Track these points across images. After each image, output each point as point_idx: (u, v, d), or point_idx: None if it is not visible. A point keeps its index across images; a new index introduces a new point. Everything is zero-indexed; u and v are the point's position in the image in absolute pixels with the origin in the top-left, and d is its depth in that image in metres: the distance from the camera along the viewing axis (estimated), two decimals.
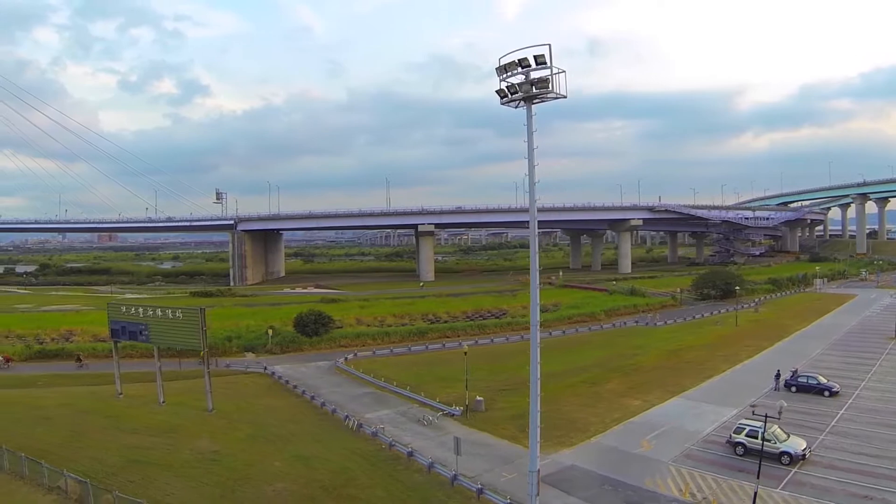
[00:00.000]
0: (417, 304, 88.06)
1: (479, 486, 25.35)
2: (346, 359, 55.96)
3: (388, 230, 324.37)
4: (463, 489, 25.78)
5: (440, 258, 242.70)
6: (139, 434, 35.91)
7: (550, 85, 20.36)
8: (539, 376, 23.57)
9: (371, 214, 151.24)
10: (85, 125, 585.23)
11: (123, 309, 44.59)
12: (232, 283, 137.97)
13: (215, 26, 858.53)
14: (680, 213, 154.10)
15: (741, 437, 29.12)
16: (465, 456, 27.61)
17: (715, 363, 47.79)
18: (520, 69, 20.76)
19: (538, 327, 23.75)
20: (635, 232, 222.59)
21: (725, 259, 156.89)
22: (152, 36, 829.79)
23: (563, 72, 20.60)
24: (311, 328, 63.20)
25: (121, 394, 44.51)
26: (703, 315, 75.74)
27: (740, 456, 28.78)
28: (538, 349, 23.32)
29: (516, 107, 21.84)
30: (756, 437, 27.25)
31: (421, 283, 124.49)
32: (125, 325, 43.21)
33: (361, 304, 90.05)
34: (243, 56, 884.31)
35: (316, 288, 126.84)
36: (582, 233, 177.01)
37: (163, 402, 42.35)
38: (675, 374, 44.78)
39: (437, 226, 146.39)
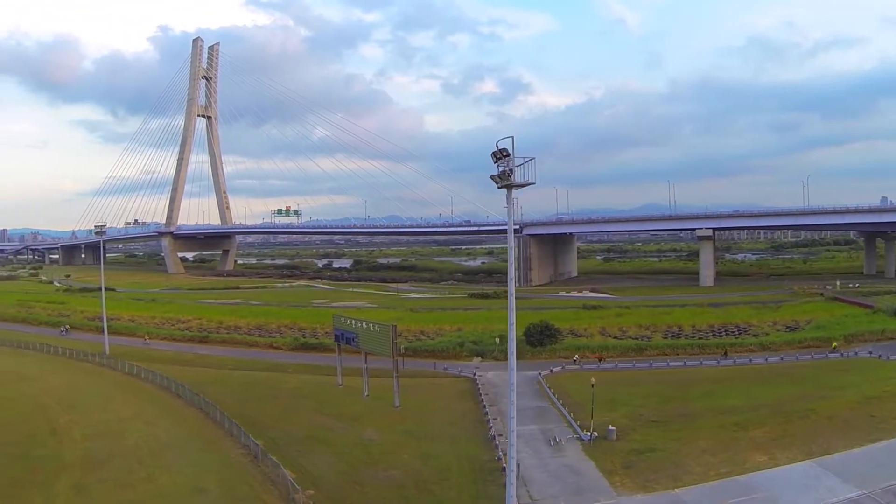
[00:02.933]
0: (674, 314, 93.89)
1: None
2: (551, 371, 64.56)
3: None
4: None
5: (742, 257, 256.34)
6: (331, 417, 51.29)
7: (513, 176, 27.47)
8: (515, 415, 31.27)
9: (649, 219, 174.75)
10: (412, 128, 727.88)
11: (343, 320, 63.06)
12: (517, 284, 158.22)
13: (529, 27, 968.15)
14: None
15: None
16: (552, 479, 33.86)
17: None
18: (496, 160, 27.80)
19: (514, 354, 31.28)
20: None
21: None
22: (469, 41, 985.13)
23: (533, 159, 27.48)
24: (537, 338, 73.13)
25: (341, 385, 61.58)
26: None
27: None
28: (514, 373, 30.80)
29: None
30: None
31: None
32: (344, 332, 61.39)
33: (618, 312, 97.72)
34: (561, 53, 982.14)
35: (591, 291, 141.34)
36: (876, 235, 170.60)
37: (366, 395, 57.55)
38: (841, 428, 42.34)
39: (716, 230, 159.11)
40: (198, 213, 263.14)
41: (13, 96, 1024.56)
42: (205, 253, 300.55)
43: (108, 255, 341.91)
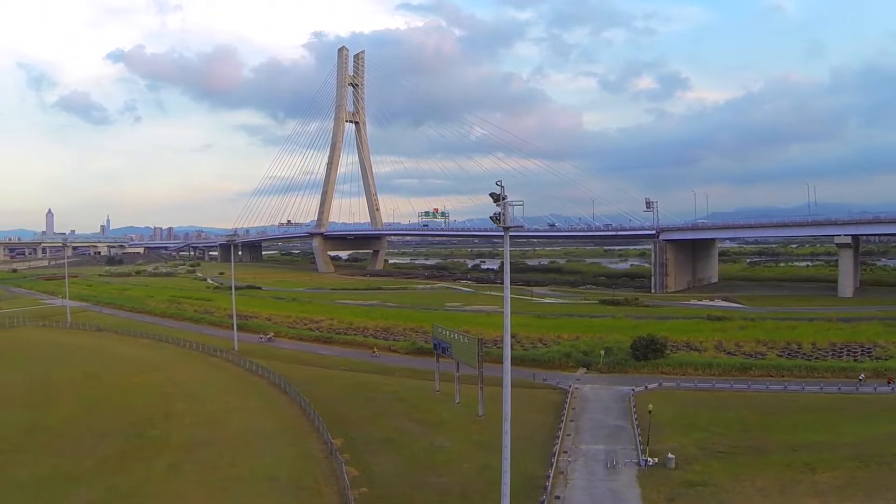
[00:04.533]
0: (798, 329, 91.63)
1: None
2: (646, 387, 66.07)
3: None
4: None
5: None
6: (414, 422, 57.07)
7: (503, 220, 31.65)
8: (510, 420, 35.08)
9: (785, 225, 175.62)
10: (570, 126, 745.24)
11: (440, 329, 69.19)
12: (652, 290, 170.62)
13: (684, 20, 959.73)
14: None
15: None
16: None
17: None
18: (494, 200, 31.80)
19: (509, 372, 34.60)
20: None
21: None
22: (625, 36, 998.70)
23: (521, 203, 32.47)
24: (642, 352, 74.80)
25: (438, 391, 67.29)
26: None
27: None
28: (509, 379, 34.47)
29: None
30: None
31: None
32: (440, 341, 67.33)
33: (741, 325, 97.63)
34: (717, 45, 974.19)
35: (723, 300, 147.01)
36: None
37: (458, 402, 62.72)
38: None
39: (854, 236, 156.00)
40: (349, 212, 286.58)
41: (178, 105, 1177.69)
42: (360, 252, 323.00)
43: (264, 252, 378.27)
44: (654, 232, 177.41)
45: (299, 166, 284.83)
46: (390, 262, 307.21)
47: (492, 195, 31.39)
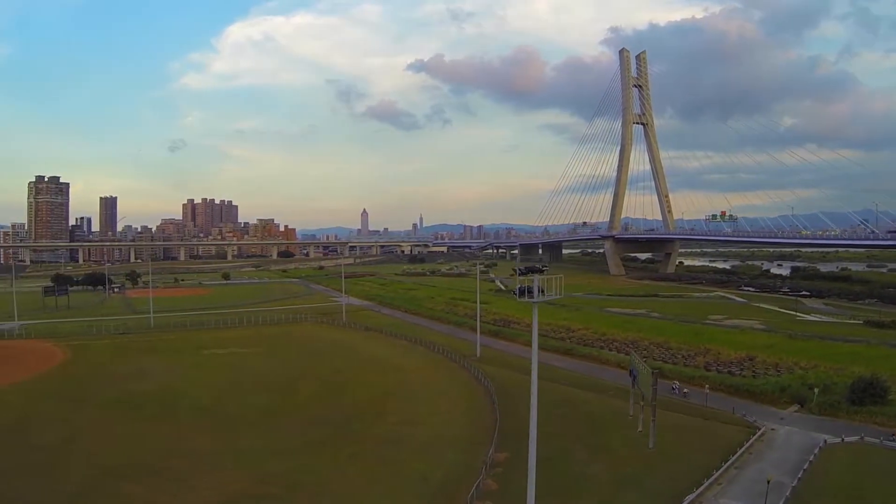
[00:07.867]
0: None
1: None
2: (842, 439, 57.47)
3: None
4: None
5: None
6: (584, 446, 58.91)
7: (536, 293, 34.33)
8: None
9: None
10: (885, 111, 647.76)
11: (634, 358, 71.01)
12: None
13: None
14: None
15: None
16: None
17: None
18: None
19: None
20: None
21: None
22: None
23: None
24: (858, 396, 65.35)
25: (631, 416, 68.14)
26: None
27: None
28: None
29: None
30: None
31: None
32: (632, 369, 68.85)
33: None
34: None
35: None
36: None
37: (640, 430, 63.31)
38: None
39: None
40: (640, 208, 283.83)
41: (483, 107, 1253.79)
42: (656, 254, 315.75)
43: (565, 251, 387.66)
44: None
45: (598, 164, 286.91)
46: (685, 263, 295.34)
47: (525, 274, 34.15)
